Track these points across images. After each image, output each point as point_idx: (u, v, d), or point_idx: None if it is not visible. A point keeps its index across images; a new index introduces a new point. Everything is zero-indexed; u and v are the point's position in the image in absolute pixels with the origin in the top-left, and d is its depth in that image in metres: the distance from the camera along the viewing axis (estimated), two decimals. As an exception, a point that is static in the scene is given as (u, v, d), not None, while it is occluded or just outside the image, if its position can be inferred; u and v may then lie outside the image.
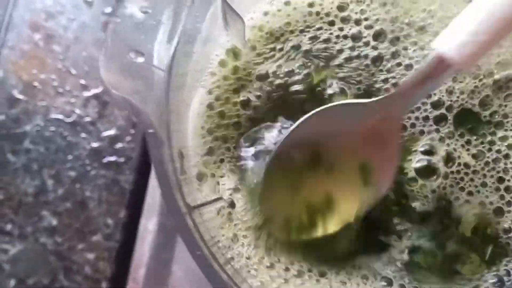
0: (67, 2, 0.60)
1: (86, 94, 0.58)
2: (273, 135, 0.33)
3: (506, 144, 0.34)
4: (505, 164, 0.34)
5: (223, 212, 0.31)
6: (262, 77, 0.34)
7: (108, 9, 0.60)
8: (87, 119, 0.57)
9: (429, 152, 0.35)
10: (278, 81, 0.34)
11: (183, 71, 0.29)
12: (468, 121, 0.35)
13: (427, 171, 0.34)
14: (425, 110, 0.35)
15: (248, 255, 0.31)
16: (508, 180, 0.34)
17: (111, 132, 0.57)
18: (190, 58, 0.30)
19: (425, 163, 0.34)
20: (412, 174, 0.34)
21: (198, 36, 0.30)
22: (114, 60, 0.23)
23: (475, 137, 0.35)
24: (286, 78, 0.34)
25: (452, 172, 0.34)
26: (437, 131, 0.35)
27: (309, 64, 0.34)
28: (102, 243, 0.55)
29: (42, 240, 0.55)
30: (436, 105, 0.35)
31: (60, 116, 0.57)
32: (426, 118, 0.35)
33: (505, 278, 0.32)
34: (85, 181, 0.56)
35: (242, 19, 0.32)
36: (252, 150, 0.33)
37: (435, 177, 0.34)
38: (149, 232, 0.54)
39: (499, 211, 0.34)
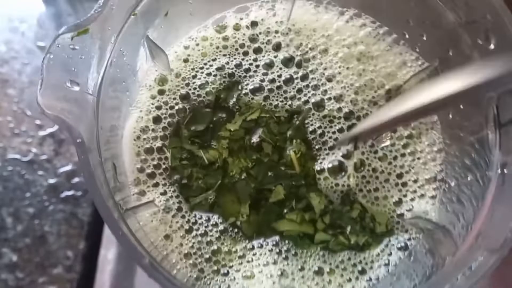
0: (20, 48, 0.64)
1: (42, 133, 0.61)
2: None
3: (402, 143, 0.41)
4: (401, 161, 0.40)
5: (156, 216, 0.36)
6: (184, 97, 0.40)
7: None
8: (44, 157, 0.60)
9: (345, 156, 0.40)
10: (196, 98, 0.40)
11: (114, 95, 0.34)
12: None
13: (337, 170, 0.40)
14: (339, 123, 0.41)
15: (180, 251, 0.36)
16: (405, 176, 0.40)
17: (68, 168, 0.60)
18: (120, 85, 0.35)
19: (336, 163, 0.40)
20: (324, 169, 0.40)
21: (127, 67, 0.35)
22: (49, 87, 0.28)
23: (380, 145, 0.40)
24: (202, 98, 0.40)
25: (362, 177, 0.40)
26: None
27: (222, 84, 0.40)
28: (63, 275, 0.57)
29: (3, 277, 0.57)
30: (347, 117, 0.41)
31: (17, 156, 0.60)
32: (341, 130, 0.41)
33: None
34: (43, 216, 0.58)
35: (165, 53, 0.38)
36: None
37: (342, 173, 0.39)
38: (109, 261, 0.56)
39: (398, 203, 0.40)
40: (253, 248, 0.38)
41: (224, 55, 0.41)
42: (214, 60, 0.41)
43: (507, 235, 0.28)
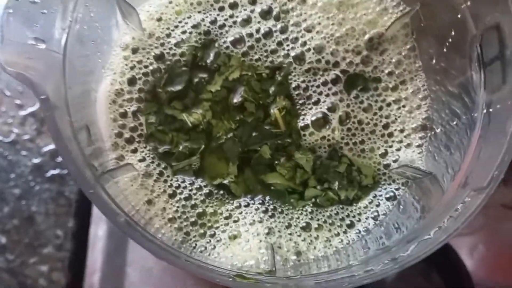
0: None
1: (23, 113, 0.60)
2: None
3: (387, 93, 0.40)
4: (387, 110, 0.39)
5: (137, 181, 0.35)
6: (159, 57, 0.39)
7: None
8: (26, 137, 0.59)
9: (329, 109, 0.39)
10: (171, 58, 0.38)
11: (83, 54, 0.33)
12: (357, 83, 0.40)
13: (322, 123, 0.39)
14: (322, 75, 0.39)
15: (163, 216, 0.35)
16: (391, 126, 0.39)
17: (51, 146, 0.59)
18: (87, 44, 0.34)
19: (320, 115, 0.39)
20: (308, 125, 0.39)
21: (95, 25, 0.34)
22: (10, 44, 0.26)
23: (365, 95, 0.39)
24: (177, 57, 0.39)
25: (347, 129, 0.39)
26: (335, 94, 0.39)
27: (199, 42, 0.39)
28: (53, 254, 0.57)
29: (-7, 260, 0.57)
30: (329, 68, 0.39)
31: (-1, 137, 0.59)
32: (325, 83, 0.39)
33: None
34: (30, 196, 0.58)
35: (136, 11, 0.36)
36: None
37: (327, 127, 0.39)
38: (100, 238, 0.55)
39: (384, 154, 0.39)
40: (239, 207, 0.37)
41: (199, 11, 0.39)
42: (189, 17, 0.39)
43: (494, 173, 0.27)
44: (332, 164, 0.38)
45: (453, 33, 0.35)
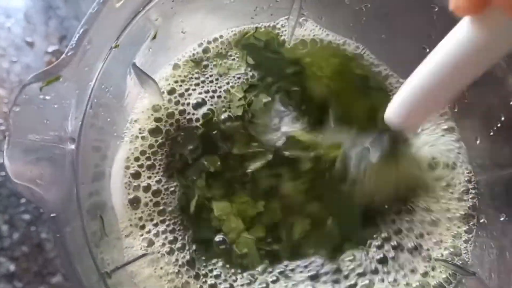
0: (8, 45, 0.60)
1: (34, 137, 0.58)
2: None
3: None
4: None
5: (154, 265, 0.32)
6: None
7: (51, 48, 0.60)
8: (36, 161, 0.57)
9: None
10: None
11: (99, 135, 0.30)
12: None
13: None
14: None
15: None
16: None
17: None
18: (104, 122, 0.31)
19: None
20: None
21: (112, 102, 0.31)
22: (17, 147, 0.24)
23: None
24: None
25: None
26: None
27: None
28: (62, 284, 0.56)
29: (1, 287, 0.56)
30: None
31: (10, 161, 0.57)
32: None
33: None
34: (40, 223, 0.56)
35: (154, 80, 0.33)
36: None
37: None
38: None
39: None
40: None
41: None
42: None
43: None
44: None
45: (503, 118, 0.31)
